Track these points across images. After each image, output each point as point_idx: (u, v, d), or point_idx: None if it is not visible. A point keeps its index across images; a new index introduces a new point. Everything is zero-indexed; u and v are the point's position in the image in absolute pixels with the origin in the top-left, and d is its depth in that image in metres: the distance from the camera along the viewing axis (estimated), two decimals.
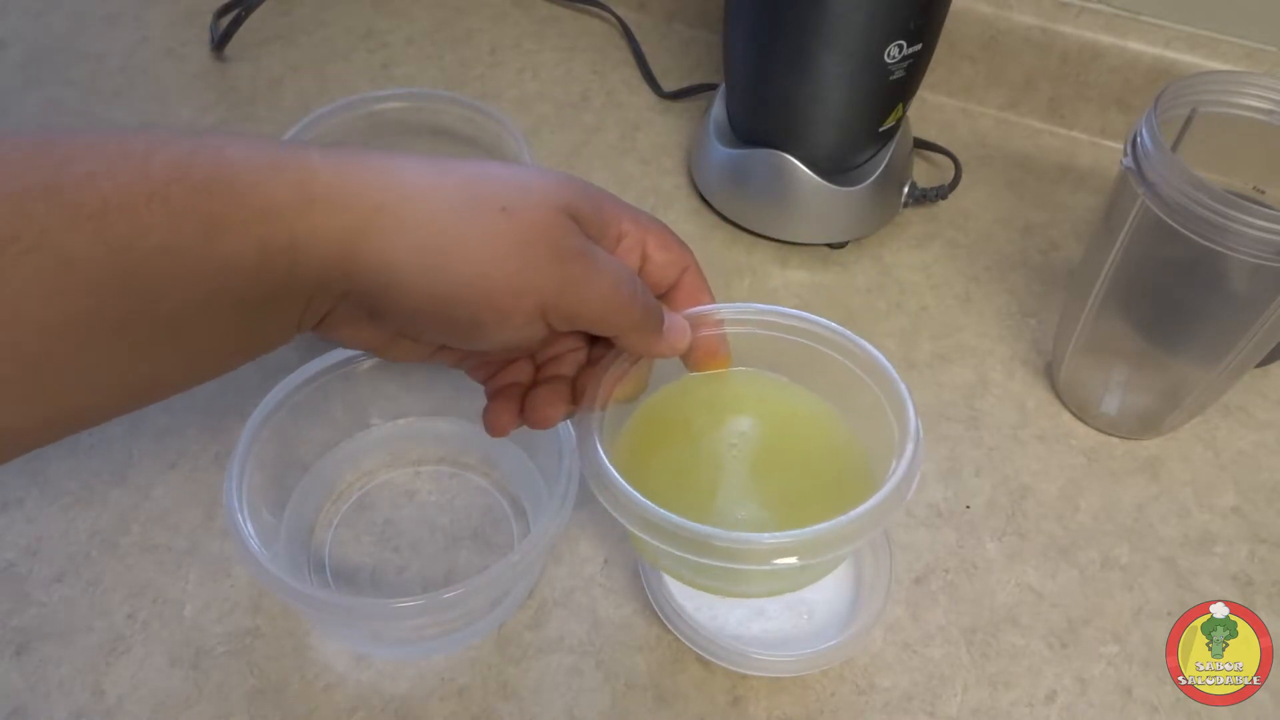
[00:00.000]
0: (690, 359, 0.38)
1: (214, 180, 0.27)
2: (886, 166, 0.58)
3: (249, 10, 0.70)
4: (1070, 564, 0.47)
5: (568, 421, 0.42)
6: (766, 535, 0.31)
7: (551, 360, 0.38)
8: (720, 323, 0.39)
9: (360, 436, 0.48)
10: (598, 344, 0.38)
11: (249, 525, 0.39)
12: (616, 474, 0.33)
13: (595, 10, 0.76)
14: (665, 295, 0.38)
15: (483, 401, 0.48)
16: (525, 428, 0.45)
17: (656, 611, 0.42)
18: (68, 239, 0.24)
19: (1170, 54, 0.64)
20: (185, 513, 0.46)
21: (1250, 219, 0.39)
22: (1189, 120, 0.45)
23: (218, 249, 0.26)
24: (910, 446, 0.34)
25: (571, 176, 0.34)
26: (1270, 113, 0.44)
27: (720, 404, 0.39)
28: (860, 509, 0.32)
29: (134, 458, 0.48)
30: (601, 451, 0.34)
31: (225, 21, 0.70)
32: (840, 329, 0.38)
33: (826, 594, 0.44)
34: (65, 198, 0.25)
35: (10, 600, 0.43)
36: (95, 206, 0.25)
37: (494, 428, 0.37)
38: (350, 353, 0.44)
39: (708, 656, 0.41)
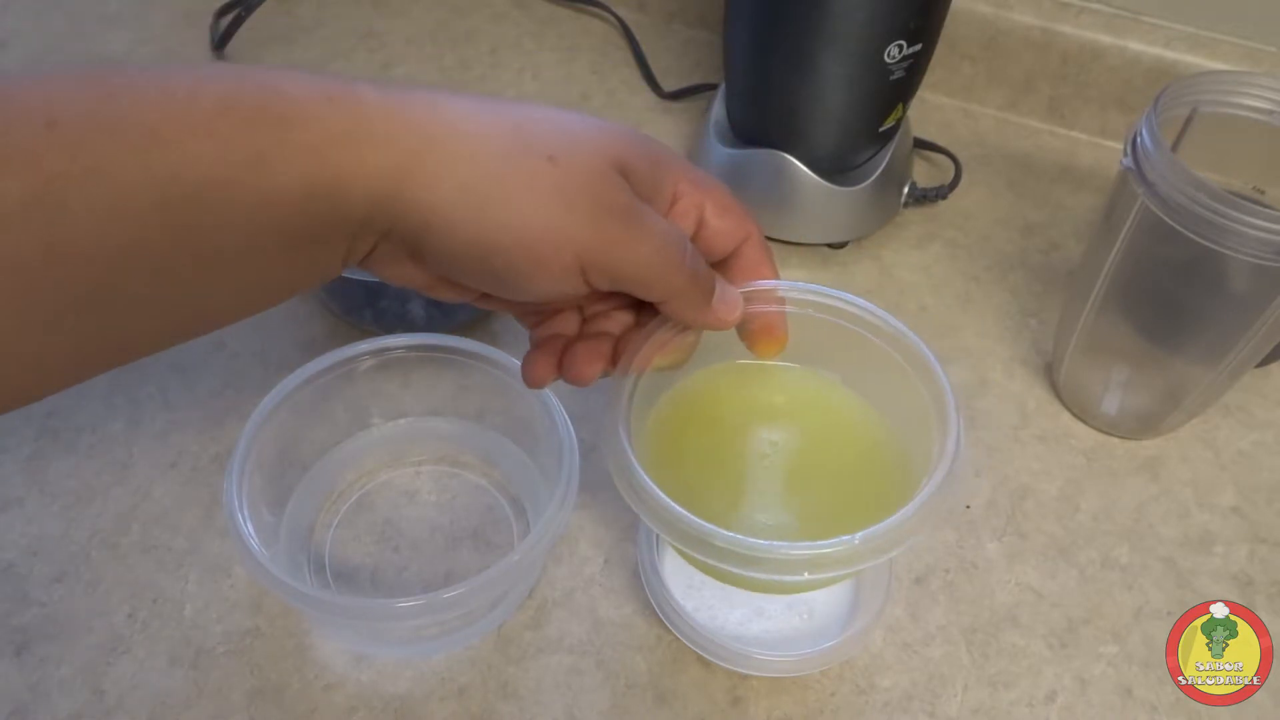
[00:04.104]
0: (745, 336, 0.37)
1: (262, 113, 0.26)
2: (886, 166, 0.58)
3: (249, 10, 0.70)
4: (1070, 564, 0.47)
5: (565, 416, 0.42)
6: (781, 544, 0.30)
7: (599, 316, 0.36)
8: (780, 300, 0.36)
9: (360, 436, 0.48)
10: (646, 306, 0.36)
11: (249, 525, 0.39)
12: (636, 462, 0.32)
13: (595, 10, 0.76)
14: (722, 265, 0.36)
15: (483, 401, 0.48)
16: (525, 430, 0.46)
17: (656, 611, 0.42)
18: (118, 170, 0.24)
19: (1170, 54, 0.64)
20: (185, 513, 0.46)
21: (1250, 219, 0.39)
22: (1189, 120, 0.45)
23: (264, 182, 0.26)
24: (945, 465, 0.32)
25: (632, 130, 0.33)
26: (1270, 113, 0.44)
27: (764, 400, 0.38)
28: (882, 525, 0.31)
29: (134, 458, 0.48)
30: (625, 438, 0.33)
31: (225, 21, 0.70)
32: (902, 326, 0.36)
33: (826, 594, 0.44)
34: (113, 129, 0.24)
35: (10, 600, 0.43)
36: (142, 138, 0.25)
37: (531, 378, 0.36)
38: (350, 352, 0.44)
39: (708, 656, 0.41)
